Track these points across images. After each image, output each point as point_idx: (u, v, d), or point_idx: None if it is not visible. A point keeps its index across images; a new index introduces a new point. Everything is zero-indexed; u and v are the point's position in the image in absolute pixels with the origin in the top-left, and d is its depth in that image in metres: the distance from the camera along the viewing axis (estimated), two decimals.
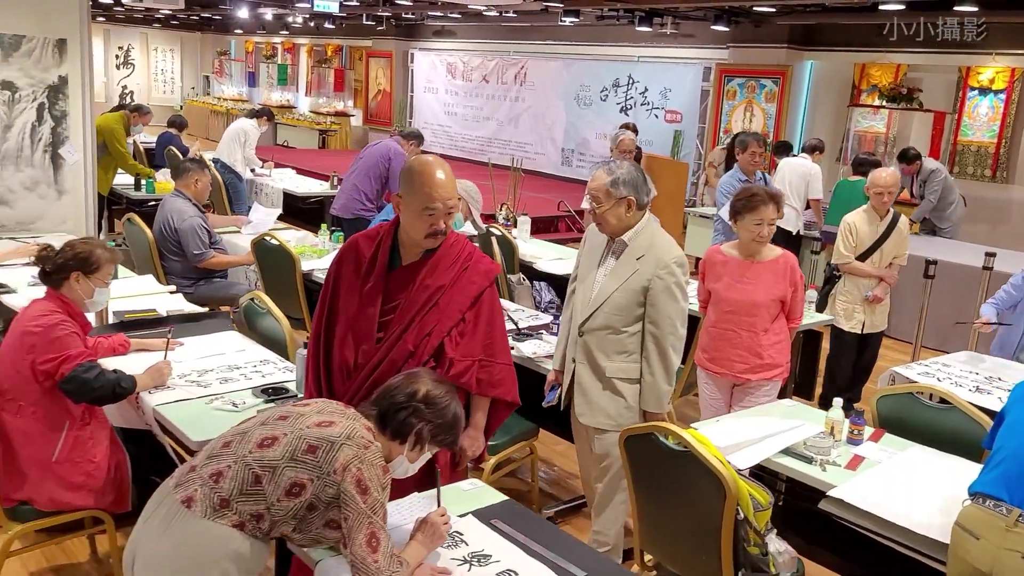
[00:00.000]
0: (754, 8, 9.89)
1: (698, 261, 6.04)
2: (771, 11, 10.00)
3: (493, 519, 2.40)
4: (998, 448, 2.38)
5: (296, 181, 9.54)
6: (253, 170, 9.17)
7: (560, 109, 14.72)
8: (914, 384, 3.63)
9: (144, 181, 7.87)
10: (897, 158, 8.32)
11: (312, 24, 18.01)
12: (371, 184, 6.59)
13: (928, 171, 8.02)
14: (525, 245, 6.24)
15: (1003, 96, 9.40)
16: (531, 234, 6.67)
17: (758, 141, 6.02)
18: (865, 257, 5.05)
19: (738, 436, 3.01)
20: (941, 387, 3.50)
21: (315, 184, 9.51)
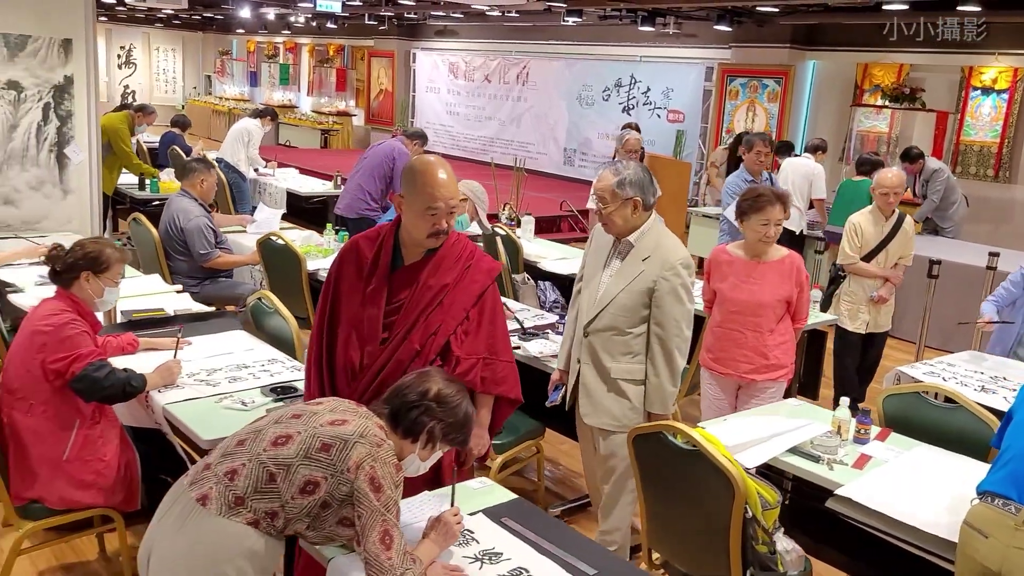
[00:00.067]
0: (757, 8, 9.90)
1: (701, 261, 6.06)
2: (774, 11, 10.00)
3: (503, 517, 2.42)
4: (1006, 447, 2.39)
5: (299, 181, 9.55)
6: (257, 170, 9.18)
7: (562, 109, 14.73)
8: (920, 383, 3.63)
9: (148, 181, 7.88)
10: (900, 157, 8.33)
11: (314, 24, 18.01)
12: (375, 184, 6.61)
13: (931, 171, 8.03)
14: (529, 245, 6.25)
15: (1006, 96, 9.41)
16: (534, 234, 6.69)
17: (764, 141, 6.02)
18: (870, 258, 5.05)
19: (745, 435, 3.02)
20: (947, 386, 3.51)
21: (318, 184, 9.52)
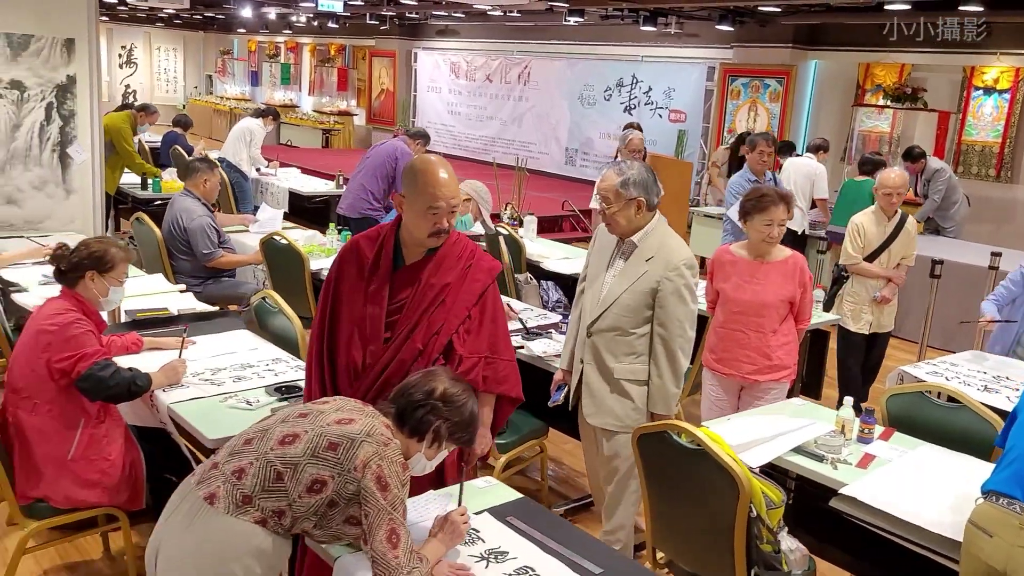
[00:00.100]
0: (758, 8, 9.90)
1: (703, 260, 6.07)
2: (775, 11, 10.00)
3: (509, 516, 2.42)
4: (1011, 446, 2.39)
5: (301, 180, 9.55)
6: (259, 169, 9.19)
7: (564, 109, 14.73)
8: (923, 383, 3.64)
9: (151, 180, 7.88)
10: (902, 156, 8.34)
11: (315, 23, 18.02)
12: (378, 184, 6.62)
13: (932, 170, 8.04)
14: (532, 244, 6.26)
15: (1007, 96, 9.41)
16: (536, 234, 6.69)
17: (767, 141, 6.02)
18: (873, 258, 5.05)
19: (749, 434, 3.02)
20: (950, 386, 3.51)
21: (320, 183, 9.52)
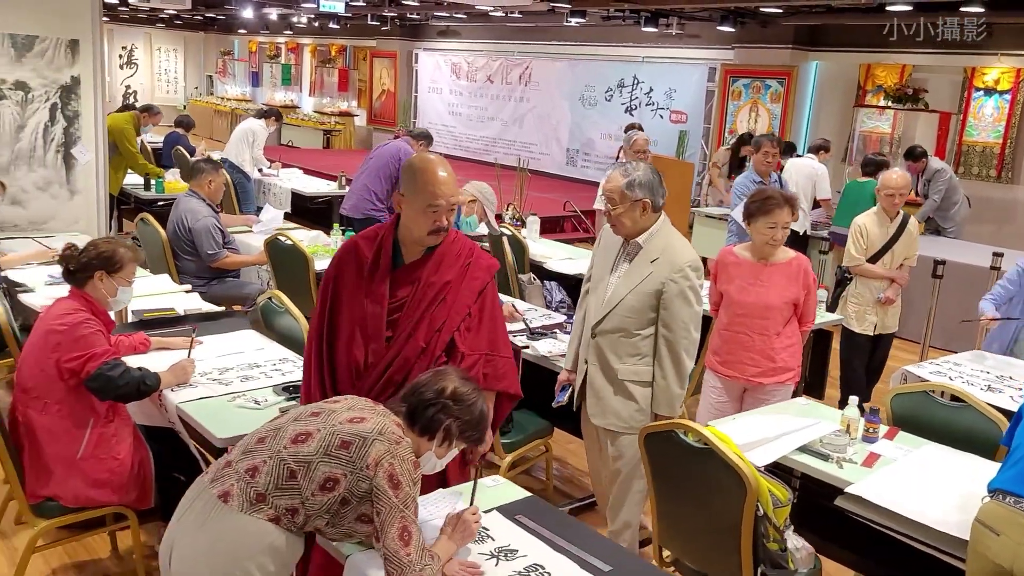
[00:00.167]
0: (759, 9, 9.92)
1: (704, 261, 6.08)
2: (777, 12, 10.03)
3: (517, 514, 2.44)
4: (1017, 445, 2.40)
5: (304, 181, 9.56)
6: (261, 170, 9.21)
7: (565, 109, 14.75)
8: (927, 383, 3.66)
9: (154, 181, 7.90)
10: (904, 155, 8.36)
11: (316, 24, 18.04)
12: (381, 184, 6.63)
13: (933, 170, 8.06)
14: (535, 245, 6.28)
15: (1008, 97, 9.43)
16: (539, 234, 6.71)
17: (772, 142, 6.02)
18: (876, 259, 5.07)
19: (755, 434, 3.04)
20: (954, 385, 3.53)
21: (323, 184, 9.53)
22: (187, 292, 4.67)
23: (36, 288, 4.41)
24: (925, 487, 2.80)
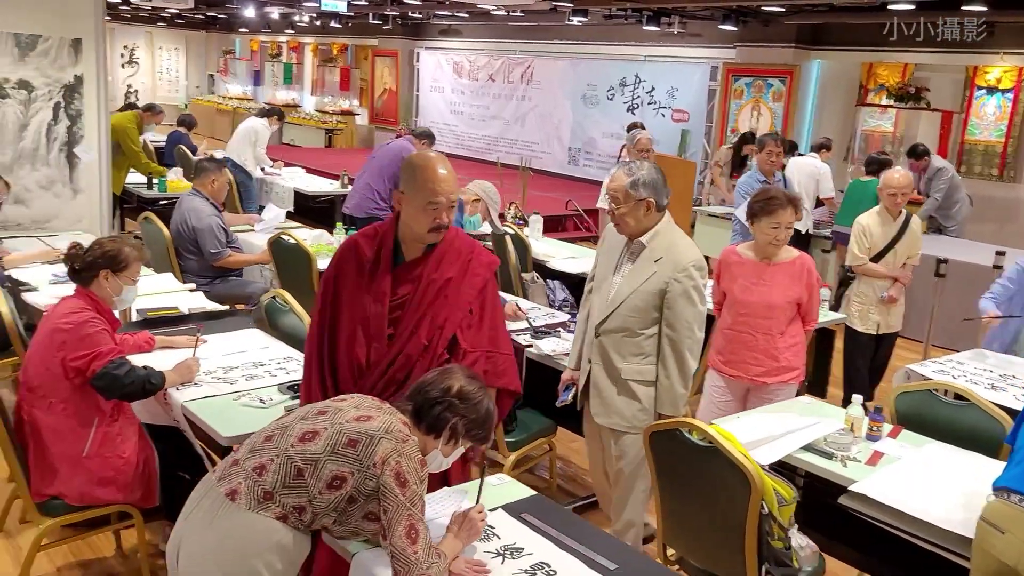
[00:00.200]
0: (762, 8, 9.92)
1: (706, 260, 6.08)
2: (779, 11, 10.02)
3: (523, 513, 2.44)
4: (1022, 444, 2.41)
5: (306, 180, 9.57)
6: (263, 169, 9.22)
7: (567, 108, 14.75)
8: (931, 381, 3.66)
9: (156, 180, 7.91)
10: (906, 153, 8.36)
11: (318, 23, 18.04)
12: (384, 184, 6.63)
13: (935, 169, 8.06)
14: (538, 244, 6.28)
15: (1010, 95, 9.43)
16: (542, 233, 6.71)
17: (776, 141, 6.02)
18: (879, 258, 5.07)
19: (759, 432, 3.04)
20: (958, 384, 3.53)
21: (325, 183, 9.54)
22: (191, 291, 4.67)
23: (40, 287, 4.41)
24: (929, 485, 2.80)
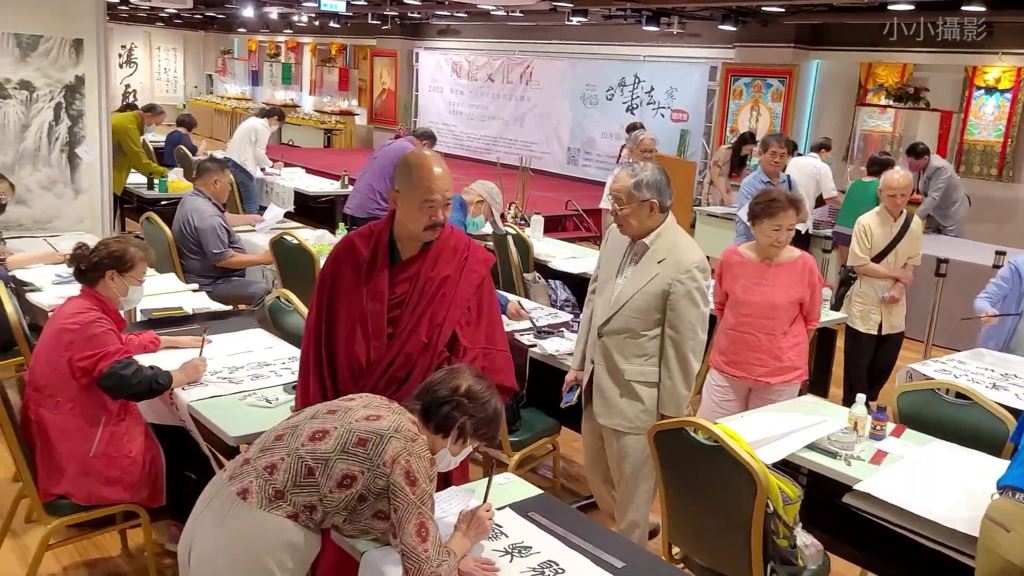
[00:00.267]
0: (761, 8, 9.93)
1: (707, 259, 6.09)
2: (778, 11, 10.04)
3: (530, 512, 2.46)
4: None
5: (307, 180, 9.58)
6: (263, 169, 9.22)
7: (566, 108, 14.75)
8: (933, 380, 3.67)
9: (157, 180, 7.91)
10: (906, 152, 8.38)
11: (316, 23, 18.04)
12: (386, 184, 6.64)
13: (934, 168, 8.08)
14: (539, 244, 6.30)
15: (1009, 95, 9.45)
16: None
17: (779, 142, 6.02)
18: (880, 258, 5.09)
19: (763, 431, 3.06)
20: (960, 383, 3.54)
21: (326, 183, 9.55)
22: (194, 291, 4.68)
23: (44, 287, 4.42)
24: (932, 484, 2.81)
